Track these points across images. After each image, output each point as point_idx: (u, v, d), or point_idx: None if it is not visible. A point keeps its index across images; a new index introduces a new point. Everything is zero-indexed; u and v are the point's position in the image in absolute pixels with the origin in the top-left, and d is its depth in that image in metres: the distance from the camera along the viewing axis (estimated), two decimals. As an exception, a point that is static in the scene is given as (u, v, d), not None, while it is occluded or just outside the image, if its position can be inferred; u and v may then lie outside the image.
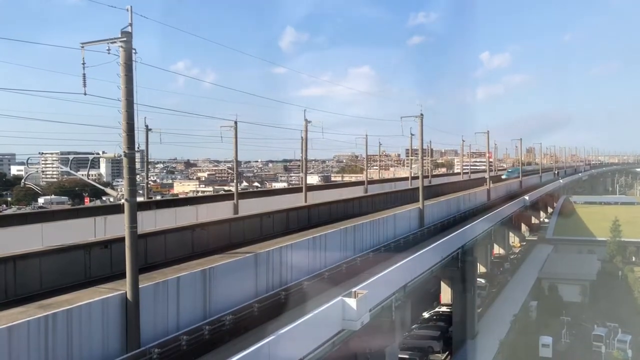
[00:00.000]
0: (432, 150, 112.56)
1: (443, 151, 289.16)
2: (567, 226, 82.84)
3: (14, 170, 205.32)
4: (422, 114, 44.79)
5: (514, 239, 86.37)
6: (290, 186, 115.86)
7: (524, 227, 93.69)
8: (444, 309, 50.96)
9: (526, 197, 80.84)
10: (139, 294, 16.72)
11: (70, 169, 24.75)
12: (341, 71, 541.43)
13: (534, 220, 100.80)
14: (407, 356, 38.37)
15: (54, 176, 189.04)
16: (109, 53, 16.55)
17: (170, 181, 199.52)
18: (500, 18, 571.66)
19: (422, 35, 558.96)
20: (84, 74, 16.85)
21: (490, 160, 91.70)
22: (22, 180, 27.27)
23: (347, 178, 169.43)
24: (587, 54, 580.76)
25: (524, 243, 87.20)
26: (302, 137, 48.52)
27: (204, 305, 19.92)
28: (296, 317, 19.36)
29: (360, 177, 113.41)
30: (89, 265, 20.32)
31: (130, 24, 16.61)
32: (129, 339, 16.52)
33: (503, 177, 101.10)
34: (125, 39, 16.52)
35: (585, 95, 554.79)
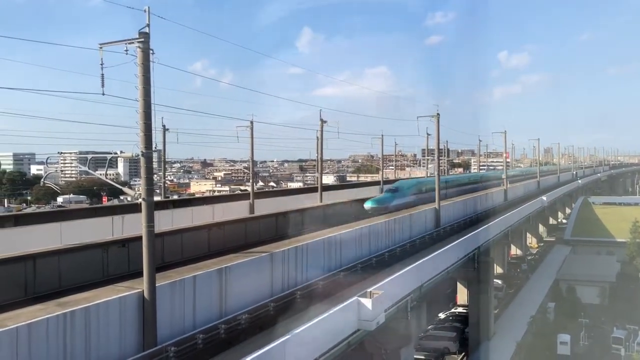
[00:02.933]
0: (448, 150, 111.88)
1: (460, 151, 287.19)
2: (586, 227, 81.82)
3: (34, 169, 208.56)
4: (438, 114, 44.64)
5: (531, 240, 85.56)
6: (306, 186, 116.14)
7: (541, 228, 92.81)
8: (460, 309, 50.66)
9: (544, 198, 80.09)
10: (156, 292, 16.87)
11: (89, 169, 25.15)
12: (358, 71, 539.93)
13: (551, 220, 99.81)
14: (422, 357, 38.24)
15: (73, 175, 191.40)
16: (126, 54, 16.73)
17: (187, 181, 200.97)
18: (518, 17, 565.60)
19: (439, 34, 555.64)
20: (102, 74, 17.05)
21: (508, 160, 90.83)
22: (42, 180, 27.76)
23: (363, 178, 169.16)
24: (605, 54, 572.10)
25: (542, 244, 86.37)
26: (317, 137, 48.58)
27: (219, 304, 20.03)
28: (311, 317, 19.38)
29: (376, 177, 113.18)
30: (107, 264, 20.59)
31: (148, 25, 16.75)
32: (146, 336, 16.67)
33: (366, 205, 42.86)
34: (142, 39, 16.67)
35: (604, 95, 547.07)
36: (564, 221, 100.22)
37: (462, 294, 51.30)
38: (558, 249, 78.30)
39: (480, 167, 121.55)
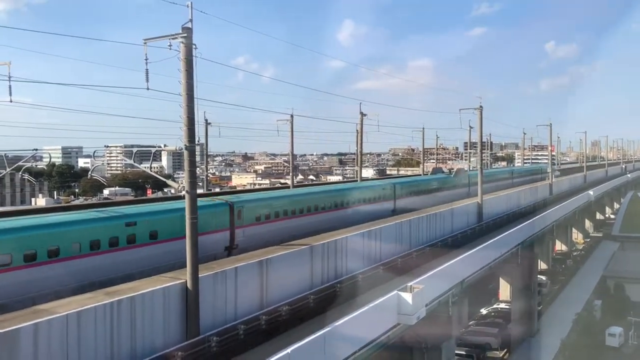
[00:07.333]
0: (491, 143, 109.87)
1: (503, 144, 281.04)
2: (636, 222, 78.86)
3: (81, 162, 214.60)
4: (481, 106, 43.98)
5: (577, 235, 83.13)
6: (345, 179, 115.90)
7: (587, 223, 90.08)
8: (502, 305, 49.73)
9: (590, 192, 77.72)
10: (199, 283, 17.20)
11: (134, 162, 25.74)
12: (400, 64, 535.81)
13: (598, 215, 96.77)
14: (464, 352, 37.73)
15: (118, 168, 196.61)
16: (170, 49, 17.03)
17: (228, 174, 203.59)
18: (566, 7, 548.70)
19: (484, 26, 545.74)
20: (147, 69, 17.45)
21: (553, 153, 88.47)
22: (89, 172, 28.54)
23: (403, 172, 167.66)
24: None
25: (588, 240, 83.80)
26: (357, 131, 48.44)
27: (260, 296, 20.26)
28: (351, 310, 19.39)
29: (417, 170, 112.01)
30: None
31: (191, 20, 17.00)
32: (189, 326, 17.02)
33: None
34: (185, 34, 16.92)
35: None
36: (612, 216, 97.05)
37: (505, 290, 50.36)
38: (605, 245, 75.81)
39: (525, 161, 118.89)
